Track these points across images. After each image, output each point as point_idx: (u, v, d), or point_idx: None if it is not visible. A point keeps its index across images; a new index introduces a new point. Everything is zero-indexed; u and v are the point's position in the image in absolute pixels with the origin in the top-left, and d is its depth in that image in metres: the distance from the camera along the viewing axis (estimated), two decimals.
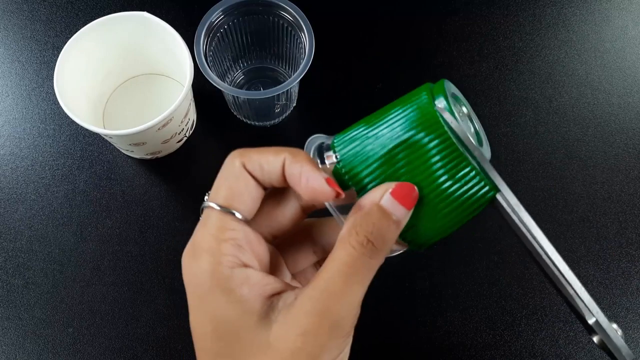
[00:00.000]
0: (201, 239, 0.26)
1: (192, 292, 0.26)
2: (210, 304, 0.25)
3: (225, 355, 0.25)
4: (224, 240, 0.26)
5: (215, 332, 0.25)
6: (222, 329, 0.25)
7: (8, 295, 0.44)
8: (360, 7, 0.53)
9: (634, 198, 0.48)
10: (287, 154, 0.27)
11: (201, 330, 0.26)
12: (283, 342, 0.24)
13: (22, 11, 0.52)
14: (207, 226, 0.26)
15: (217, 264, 0.25)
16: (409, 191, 0.26)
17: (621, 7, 0.54)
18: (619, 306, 0.45)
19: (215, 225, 0.26)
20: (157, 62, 0.48)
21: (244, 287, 0.25)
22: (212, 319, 0.25)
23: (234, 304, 0.25)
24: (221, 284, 0.25)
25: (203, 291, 0.26)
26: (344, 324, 0.25)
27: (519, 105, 0.50)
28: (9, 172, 0.47)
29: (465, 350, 0.43)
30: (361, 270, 0.25)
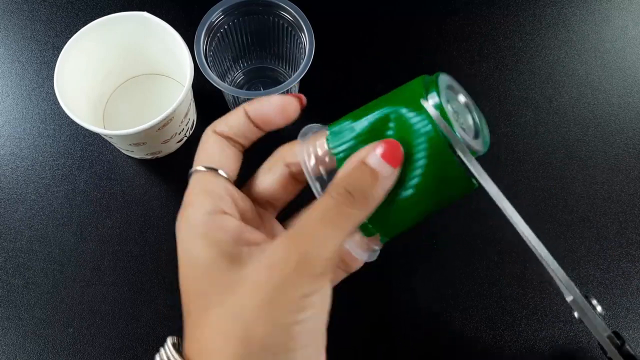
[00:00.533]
0: (185, 197, 0.29)
1: (178, 242, 0.28)
2: (189, 248, 0.27)
3: (203, 294, 0.26)
4: (203, 191, 0.28)
5: (192, 274, 0.27)
6: (198, 271, 0.26)
7: (8, 295, 0.44)
8: (360, 7, 0.53)
9: (634, 198, 0.48)
10: (244, 104, 0.30)
11: (182, 273, 0.28)
12: (251, 276, 0.25)
13: (22, 11, 0.52)
14: (190, 186, 0.29)
15: (195, 212, 0.27)
16: (394, 150, 0.27)
17: (621, 7, 0.54)
18: (619, 306, 0.45)
19: (196, 182, 0.29)
20: (157, 62, 0.48)
21: (219, 231, 0.27)
22: (190, 262, 0.27)
23: (208, 247, 0.26)
24: (197, 230, 0.27)
25: (183, 238, 0.27)
26: (314, 262, 0.25)
27: (519, 105, 0.50)
28: (9, 172, 0.47)
29: (465, 350, 0.43)
30: (337, 216, 0.26)
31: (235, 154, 0.31)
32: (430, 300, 0.45)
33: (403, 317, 0.44)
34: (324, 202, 0.26)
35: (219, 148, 0.30)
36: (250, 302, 0.24)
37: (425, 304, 0.44)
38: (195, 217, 0.27)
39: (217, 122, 0.31)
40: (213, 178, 0.29)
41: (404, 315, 0.44)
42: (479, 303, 0.44)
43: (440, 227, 0.46)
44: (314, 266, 0.25)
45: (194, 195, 0.28)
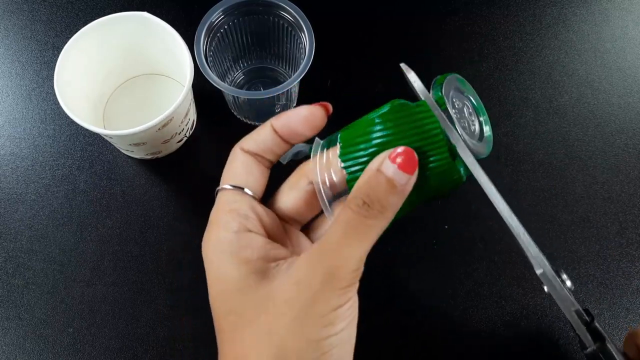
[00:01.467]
0: (211, 216, 0.29)
1: (206, 261, 0.28)
2: (218, 267, 0.27)
3: (235, 312, 0.27)
4: (230, 210, 0.29)
5: (222, 293, 0.27)
6: (227, 289, 0.27)
7: (8, 295, 0.44)
8: (360, 7, 0.53)
9: (634, 198, 0.48)
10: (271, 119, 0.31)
11: (212, 292, 0.28)
12: (280, 293, 0.25)
13: (22, 11, 0.52)
14: (217, 205, 0.30)
15: (221, 230, 0.28)
16: (409, 157, 0.27)
17: (621, 7, 0.54)
18: (619, 306, 0.45)
19: (221, 201, 0.29)
20: (157, 62, 0.48)
21: (247, 249, 0.27)
22: (219, 280, 0.27)
23: (237, 265, 0.27)
24: (225, 248, 0.27)
25: (212, 257, 0.28)
26: (339, 274, 0.25)
27: (519, 105, 0.50)
28: (9, 172, 0.47)
29: (465, 350, 0.43)
30: (358, 228, 0.26)
31: (262, 172, 0.31)
32: (430, 300, 0.45)
33: (402, 317, 0.44)
34: (344, 215, 0.26)
35: (245, 166, 0.31)
36: (282, 319, 0.25)
37: (425, 303, 0.44)
38: (222, 237, 0.28)
39: (244, 139, 0.32)
40: (239, 197, 0.29)
41: (404, 315, 0.44)
42: (479, 303, 0.44)
43: (440, 228, 0.46)
44: (341, 280, 0.25)
45: (220, 214, 0.29)
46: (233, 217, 0.28)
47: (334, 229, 0.26)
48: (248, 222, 0.28)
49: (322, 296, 0.25)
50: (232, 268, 0.27)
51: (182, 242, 0.45)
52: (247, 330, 0.26)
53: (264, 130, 0.31)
